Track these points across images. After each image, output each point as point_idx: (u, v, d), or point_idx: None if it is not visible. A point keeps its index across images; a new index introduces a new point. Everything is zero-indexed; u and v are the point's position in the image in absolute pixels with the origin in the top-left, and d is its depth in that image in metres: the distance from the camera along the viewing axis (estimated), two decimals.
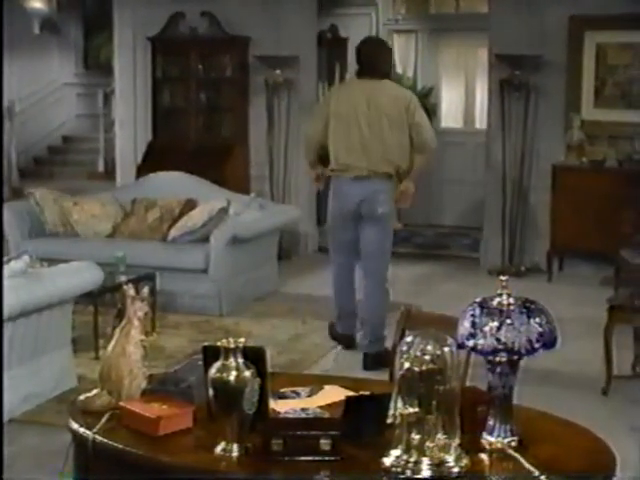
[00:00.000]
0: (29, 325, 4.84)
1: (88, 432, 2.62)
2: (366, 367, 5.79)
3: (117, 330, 2.84)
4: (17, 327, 4.70)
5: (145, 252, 6.97)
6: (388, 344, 3.16)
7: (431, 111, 10.96)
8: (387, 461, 2.36)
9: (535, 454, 2.44)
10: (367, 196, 5.85)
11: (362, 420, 2.54)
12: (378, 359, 5.63)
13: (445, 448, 2.34)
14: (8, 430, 3.61)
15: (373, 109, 5.82)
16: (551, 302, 2.77)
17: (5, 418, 3.67)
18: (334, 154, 5.94)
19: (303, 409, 2.79)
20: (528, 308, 2.43)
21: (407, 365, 2.35)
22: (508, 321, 2.39)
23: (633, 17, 7.81)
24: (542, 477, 2.33)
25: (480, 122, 10.55)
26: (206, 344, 2.69)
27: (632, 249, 6.89)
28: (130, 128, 9.80)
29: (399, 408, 2.35)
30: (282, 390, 2.93)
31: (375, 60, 5.99)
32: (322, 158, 6.13)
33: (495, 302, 2.44)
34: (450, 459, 2.34)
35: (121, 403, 2.73)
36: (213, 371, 2.50)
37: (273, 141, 8.97)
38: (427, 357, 2.35)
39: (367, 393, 2.71)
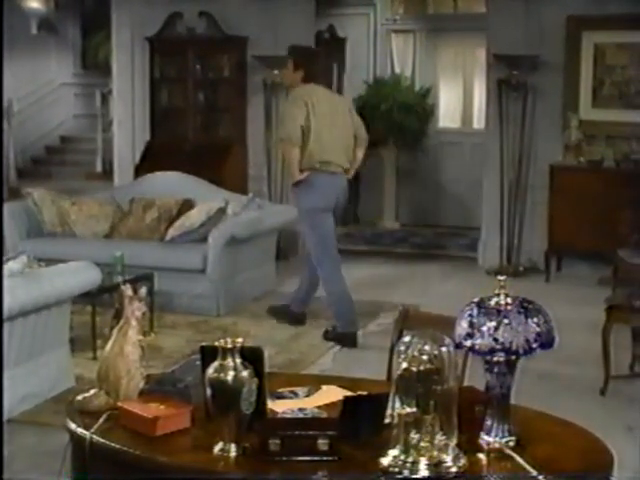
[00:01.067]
0: (27, 325, 4.83)
1: (86, 432, 2.62)
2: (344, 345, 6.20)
3: (115, 330, 2.84)
4: (15, 327, 4.69)
5: (143, 252, 6.97)
6: (387, 343, 3.20)
7: (429, 111, 11.00)
8: (385, 461, 2.36)
9: (533, 454, 2.44)
10: (342, 190, 6.29)
11: (360, 420, 2.54)
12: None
13: (443, 448, 2.34)
14: (6, 430, 3.60)
15: (334, 110, 6.24)
16: (549, 302, 2.77)
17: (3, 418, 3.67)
18: (317, 152, 6.15)
19: (301, 409, 2.79)
20: (526, 308, 2.43)
21: (405, 365, 2.35)
22: (506, 321, 2.39)
23: (631, 17, 7.82)
24: (540, 477, 2.33)
25: (478, 122, 10.55)
26: (204, 344, 2.69)
27: (630, 249, 6.90)
28: (128, 128, 9.80)
29: (397, 408, 2.35)
30: (280, 390, 2.93)
31: (317, 67, 6.49)
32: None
33: (493, 302, 2.44)
34: (448, 459, 2.34)
35: (119, 403, 2.72)
36: (211, 371, 2.50)
37: (271, 141, 8.96)
38: (425, 357, 2.35)
39: (365, 393, 2.71)
